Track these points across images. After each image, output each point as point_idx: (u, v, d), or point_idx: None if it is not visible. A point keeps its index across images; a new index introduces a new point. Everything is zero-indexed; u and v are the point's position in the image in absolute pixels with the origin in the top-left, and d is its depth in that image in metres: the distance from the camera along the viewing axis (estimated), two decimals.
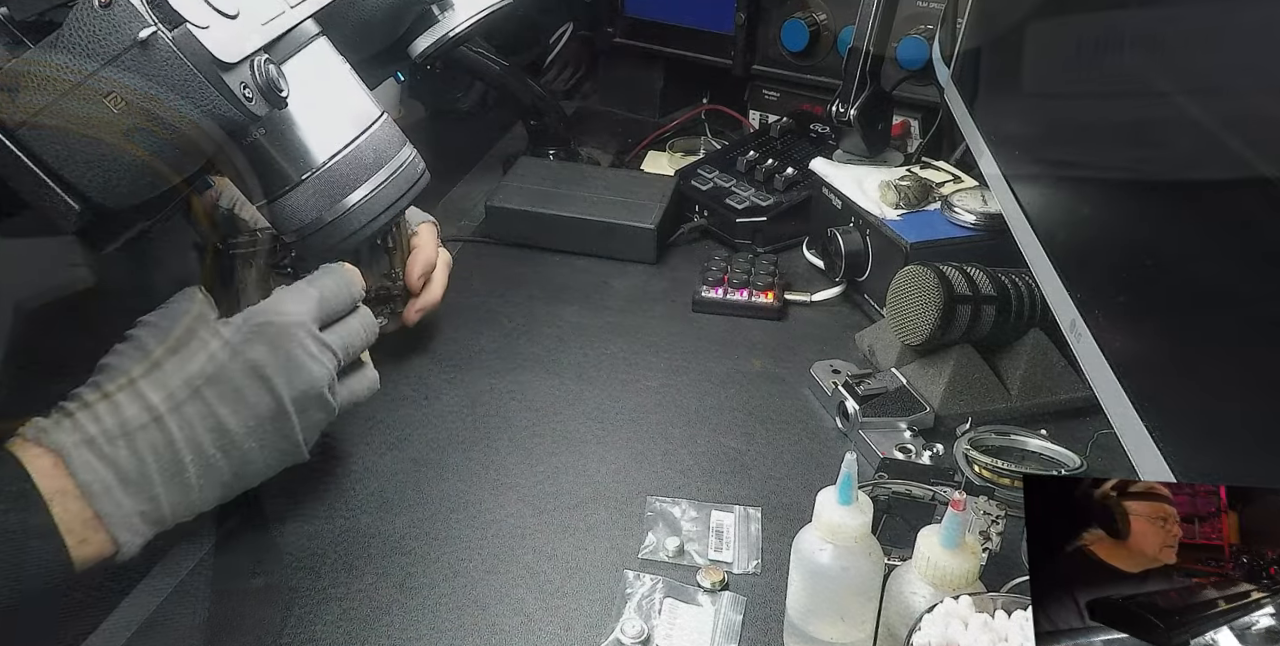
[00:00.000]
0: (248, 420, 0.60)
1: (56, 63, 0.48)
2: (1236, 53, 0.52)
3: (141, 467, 0.57)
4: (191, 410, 0.59)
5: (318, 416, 0.64)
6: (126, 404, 0.58)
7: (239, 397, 0.60)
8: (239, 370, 0.60)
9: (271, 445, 0.62)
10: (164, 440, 0.58)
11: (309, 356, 0.62)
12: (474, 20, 0.75)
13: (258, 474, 0.63)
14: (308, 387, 0.62)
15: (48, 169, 0.50)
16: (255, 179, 0.61)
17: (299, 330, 0.62)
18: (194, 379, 0.59)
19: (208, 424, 0.59)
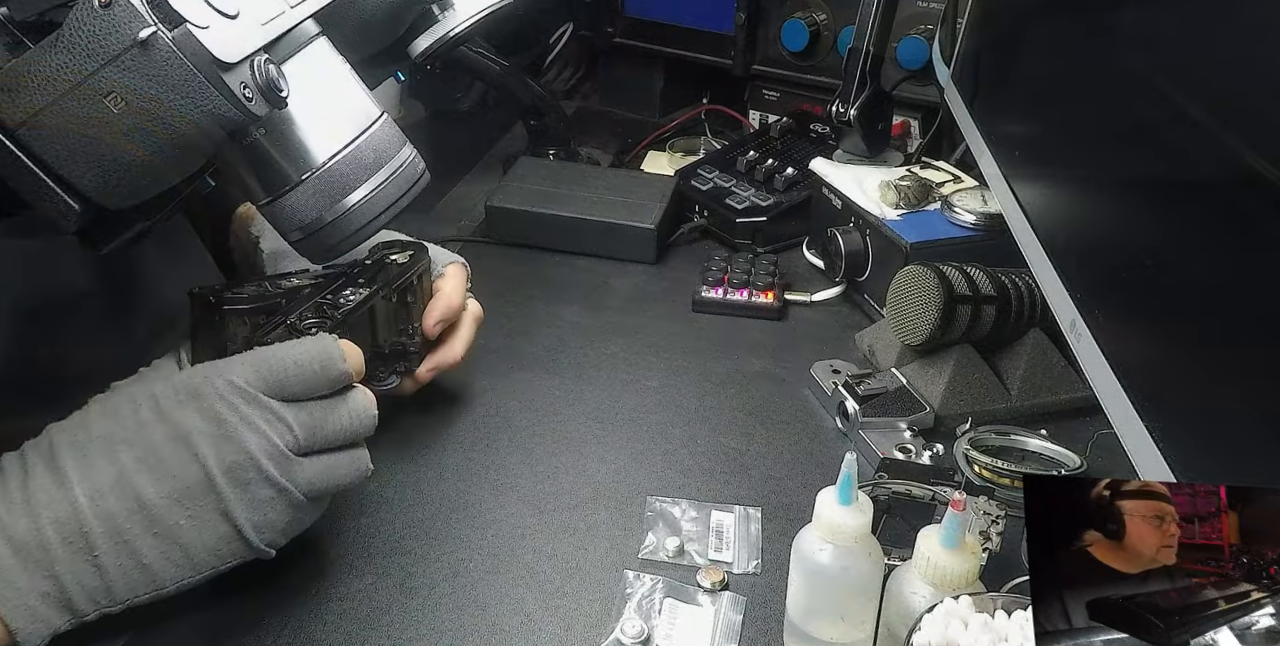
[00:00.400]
0: (169, 490, 0.52)
1: (56, 63, 0.48)
2: (1236, 52, 0.52)
3: (40, 539, 0.50)
4: (103, 476, 0.52)
5: (263, 494, 0.54)
6: (37, 469, 0.52)
7: (159, 464, 0.52)
8: (163, 434, 0.53)
9: (206, 525, 0.53)
10: (68, 508, 0.51)
11: (244, 423, 0.53)
12: (474, 20, 0.74)
13: (196, 561, 0.54)
14: (240, 458, 0.53)
15: (48, 169, 0.50)
16: (255, 179, 0.61)
17: (234, 394, 0.54)
18: (111, 441, 0.53)
19: (122, 491, 0.52)
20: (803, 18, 1.27)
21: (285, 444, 0.54)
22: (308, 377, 0.56)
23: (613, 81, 1.53)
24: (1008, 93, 0.90)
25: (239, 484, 0.53)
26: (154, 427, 0.53)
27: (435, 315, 0.75)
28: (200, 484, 0.53)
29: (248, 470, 0.53)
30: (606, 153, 1.36)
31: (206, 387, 0.54)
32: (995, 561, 0.62)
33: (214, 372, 0.55)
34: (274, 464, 0.54)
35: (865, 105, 1.04)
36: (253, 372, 0.55)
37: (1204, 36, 0.55)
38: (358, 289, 0.69)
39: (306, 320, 0.64)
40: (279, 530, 0.56)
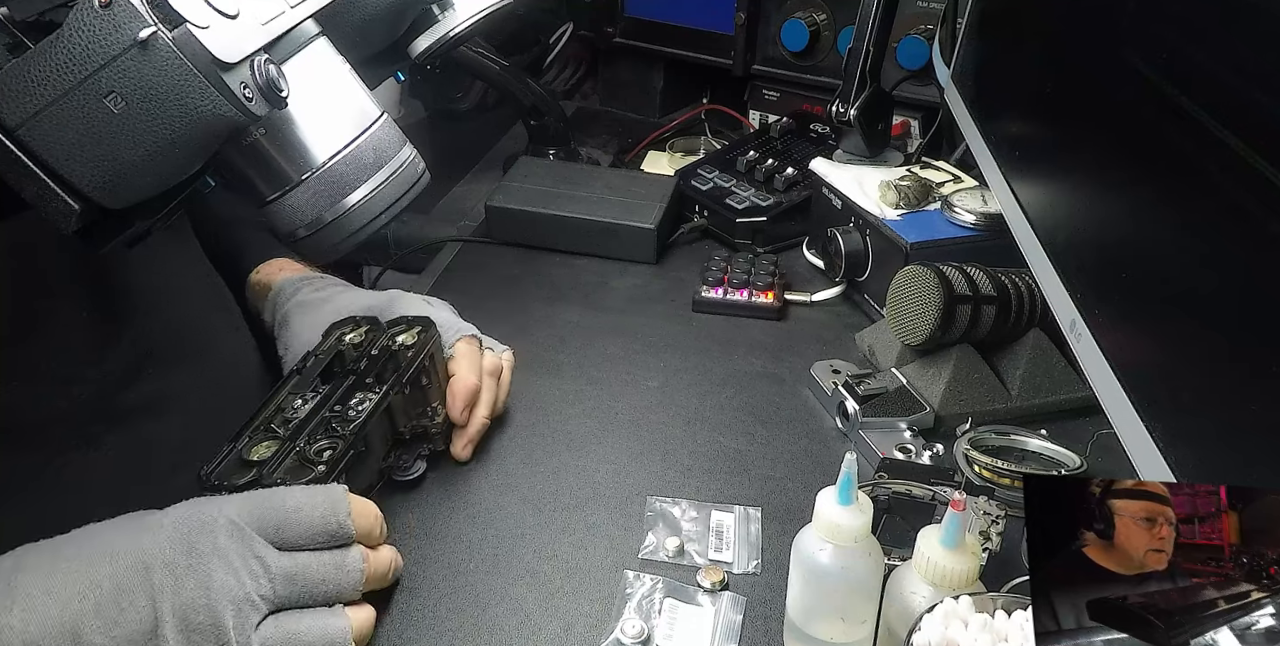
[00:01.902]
0: (112, 630, 0.47)
1: (56, 63, 0.48)
2: (1237, 51, 0.52)
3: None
4: (46, 602, 0.48)
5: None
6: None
7: (112, 595, 0.48)
8: (128, 562, 0.49)
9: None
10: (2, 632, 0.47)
11: (217, 556, 0.49)
12: (474, 20, 0.74)
13: None
14: (198, 595, 0.48)
15: (48, 169, 0.50)
16: (255, 179, 0.61)
17: (221, 526, 0.50)
18: (75, 558, 0.49)
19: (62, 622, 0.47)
20: (803, 18, 1.27)
21: (255, 589, 0.50)
22: (306, 526, 0.52)
23: (613, 81, 1.53)
24: (1008, 92, 0.90)
25: (184, 629, 0.48)
26: (123, 552, 0.49)
27: (459, 403, 0.72)
28: (145, 627, 0.48)
29: (199, 613, 0.48)
30: (606, 153, 1.36)
31: (193, 516, 0.51)
32: (995, 561, 0.62)
33: (209, 503, 0.52)
34: (232, 610, 0.49)
35: (865, 105, 1.04)
36: (248, 510, 0.52)
37: (1205, 36, 0.55)
38: (366, 393, 0.67)
39: (316, 443, 0.62)
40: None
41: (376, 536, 0.58)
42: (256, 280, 0.84)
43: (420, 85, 1.46)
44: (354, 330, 0.74)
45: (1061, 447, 0.77)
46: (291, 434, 0.62)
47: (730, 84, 1.40)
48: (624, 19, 1.42)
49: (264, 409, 0.65)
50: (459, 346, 0.75)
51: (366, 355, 0.70)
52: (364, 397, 0.67)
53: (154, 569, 0.49)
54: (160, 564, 0.49)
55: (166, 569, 0.49)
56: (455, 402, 0.72)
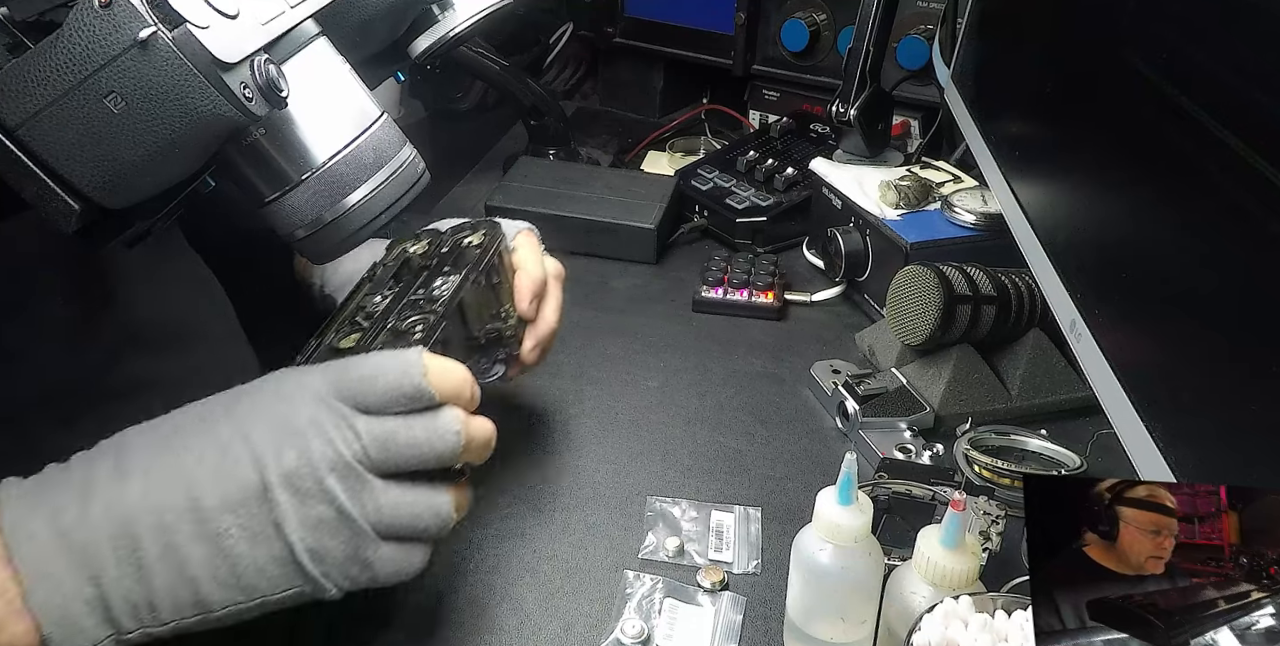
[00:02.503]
0: (224, 492, 0.48)
1: (56, 63, 0.48)
2: (1237, 51, 0.52)
3: (89, 529, 0.45)
4: (163, 470, 0.48)
5: (320, 511, 0.48)
6: (103, 458, 0.49)
7: (219, 462, 0.48)
8: (228, 432, 0.49)
9: (256, 537, 0.48)
10: (119, 496, 0.47)
11: (311, 425, 0.49)
12: (474, 20, 0.74)
13: (245, 583, 0.48)
14: (300, 464, 0.48)
15: (48, 169, 0.50)
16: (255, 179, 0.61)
17: (305, 395, 0.50)
18: (181, 437, 0.49)
19: (175, 486, 0.48)
20: (803, 18, 1.27)
21: (352, 454, 0.49)
22: (382, 389, 0.51)
23: (613, 81, 1.53)
24: (1008, 92, 0.90)
25: (295, 493, 0.48)
26: (222, 425, 0.50)
27: (527, 294, 0.70)
28: (255, 489, 0.48)
29: (305, 479, 0.48)
30: (606, 153, 1.36)
31: (280, 388, 0.51)
32: (995, 561, 0.62)
33: (290, 374, 0.52)
34: (335, 476, 0.49)
35: (865, 105, 1.04)
36: (330, 379, 0.51)
37: (1205, 36, 0.55)
38: (445, 278, 0.64)
39: (407, 319, 0.60)
40: (338, 562, 0.49)
41: (468, 398, 0.54)
42: None
43: (420, 85, 1.46)
44: (416, 242, 0.71)
45: (1061, 447, 0.77)
46: (378, 319, 0.60)
47: (730, 84, 1.40)
48: (624, 19, 1.42)
49: (343, 310, 0.63)
50: (520, 240, 0.73)
51: (436, 254, 0.68)
52: (444, 281, 0.64)
53: (253, 438, 0.49)
54: (258, 433, 0.49)
55: (265, 438, 0.49)
56: (524, 295, 0.70)
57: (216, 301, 0.82)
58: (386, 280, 0.66)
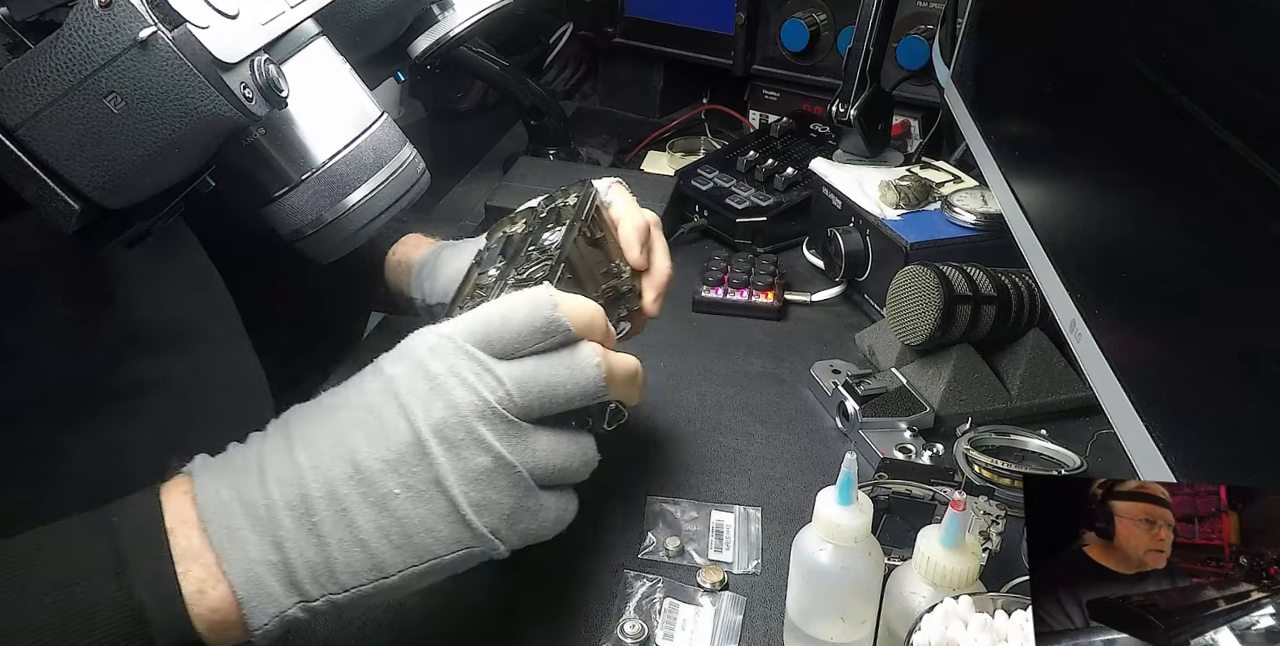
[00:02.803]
0: (382, 453, 0.48)
1: (56, 63, 0.48)
2: (1237, 51, 0.52)
3: (267, 498, 0.48)
4: (323, 438, 0.49)
5: (478, 461, 0.48)
6: (274, 434, 0.51)
7: (373, 423, 0.49)
8: (376, 393, 0.50)
9: (420, 496, 0.48)
10: (291, 469, 0.48)
11: (451, 375, 0.49)
12: (474, 20, 0.74)
13: (416, 543, 0.49)
14: (449, 415, 0.48)
15: (48, 169, 0.50)
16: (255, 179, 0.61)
17: (442, 346, 0.50)
18: (334, 405, 0.51)
19: (338, 452, 0.49)
20: (803, 18, 1.27)
21: (496, 399, 0.49)
22: (516, 327, 0.51)
23: (613, 81, 1.53)
24: (1008, 92, 0.90)
25: (449, 445, 0.48)
26: (370, 387, 0.51)
27: (635, 243, 0.69)
28: (411, 446, 0.48)
29: (456, 429, 0.48)
30: (606, 153, 1.36)
31: (418, 343, 0.51)
32: (995, 561, 0.62)
33: (429, 330, 0.52)
34: (485, 423, 0.49)
35: (865, 105, 1.04)
36: (461, 326, 0.51)
37: (1205, 36, 0.55)
38: (550, 232, 0.64)
39: (526, 270, 0.59)
40: (503, 515, 0.49)
41: (602, 332, 0.54)
42: (396, 261, 0.84)
43: (420, 85, 1.46)
44: (512, 224, 0.71)
45: (1061, 447, 0.77)
46: (497, 280, 0.60)
47: (730, 84, 1.40)
48: (624, 19, 1.42)
49: (461, 290, 0.64)
50: (614, 193, 0.73)
51: (536, 222, 0.67)
52: (550, 234, 0.63)
53: (401, 394, 0.49)
54: (405, 389, 0.49)
55: (412, 394, 0.49)
56: (632, 244, 0.69)
57: (218, 300, 0.82)
58: (495, 259, 0.66)
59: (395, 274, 0.84)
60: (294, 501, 0.48)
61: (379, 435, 0.49)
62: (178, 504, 0.48)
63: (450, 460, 0.48)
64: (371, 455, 0.48)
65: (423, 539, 0.49)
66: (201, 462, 0.51)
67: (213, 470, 0.50)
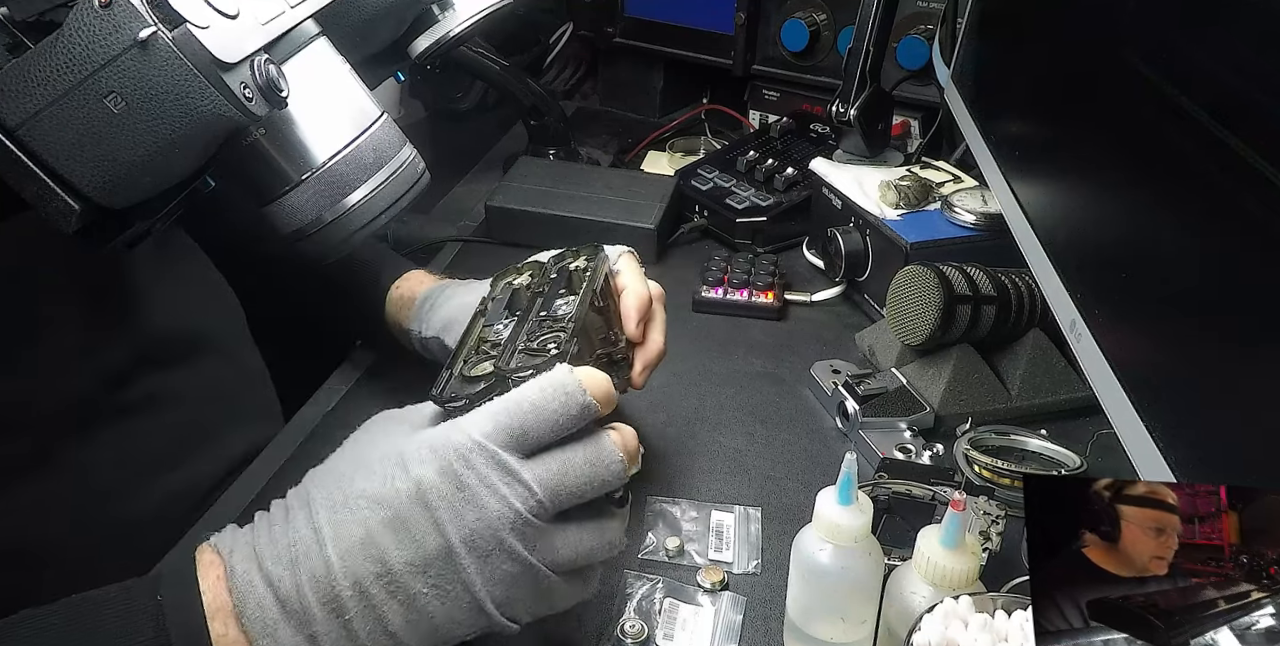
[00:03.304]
0: (411, 557, 0.50)
1: (56, 63, 0.48)
2: (1236, 52, 0.52)
3: (300, 595, 0.49)
4: (352, 536, 0.50)
5: (505, 568, 0.50)
6: (297, 521, 0.52)
7: (402, 527, 0.50)
8: (406, 495, 0.50)
9: (447, 596, 0.50)
10: (323, 566, 0.50)
11: (484, 486, 0.50)
12: (474, 20, 0.74)
13: (439, 633, 0.51)
14: (480, 527, 0.49)
15: (48, 169, 0.50)
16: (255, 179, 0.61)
17: (474, 452, 0.50)
18: (361, 499, 0.51)
19: (368, 553, 0.50)
20: (803, 18, 1.27)
21: (528, 509, 0.50)
22: (548, 419, 0.51)
23: (613, 81, 1.53)
24: (1008, 92, 0.90)
25: (479, 555, 0.50)
26: (399, 487, 0.51)
27: (634, 315, 0.69)
28: (440, 552, 0.50)
29: (488, 541, 0.50)
30: (606, 153, 1.36)
31: (448, 445, 0.51)
32: (995, 561, 0.62)
33: (455, 429, 0.52)
34: (515, 535, 0.50)
35: (865, 105, 1.04)
36: (492, 425, 0.51)
37: (1205, 36, 0.55)
38: (563, 298, 0.63)
39: (538, 339, 0.58)
40: (524, 606, 0.52)
41: (612, 402, 0.54)
42: (398, 295, 0.84)
43: (420, 85, 1.46)
44: (518, 275, 0.70)
45: (1061, 447, 0.77)
46: (507, 343, 0.58)
47: (730, 84, 1.40)
48: (624, 19, 1.42)
49: (464, 342, 0.62)
50: (623, 262, 0.73)
51: (546, 281, 0.65)
52: (564, 301, 0.63)
53: (432, 503, 0.50)
54: (436, 497, 0.50)
55: (444, 502, 0.50)
56: (631, 317, 0.69)
57: (227, 307, 0.82)
58: (500, 312, 0.64)
59: (395, 307, 0.84)
60: (326, 599, 0.49)
61: (409, 541, 0.50)
62: (214, 589, 0.50)
63: (479, 568, 0.50)
64: (400, 558, 0.50)
65: (446, 628, 0.51)
66: (232, 542, 0.52)
67: (244, 556, 0.51)
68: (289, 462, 0.76)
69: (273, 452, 0.78)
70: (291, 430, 0.80)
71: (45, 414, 0.63)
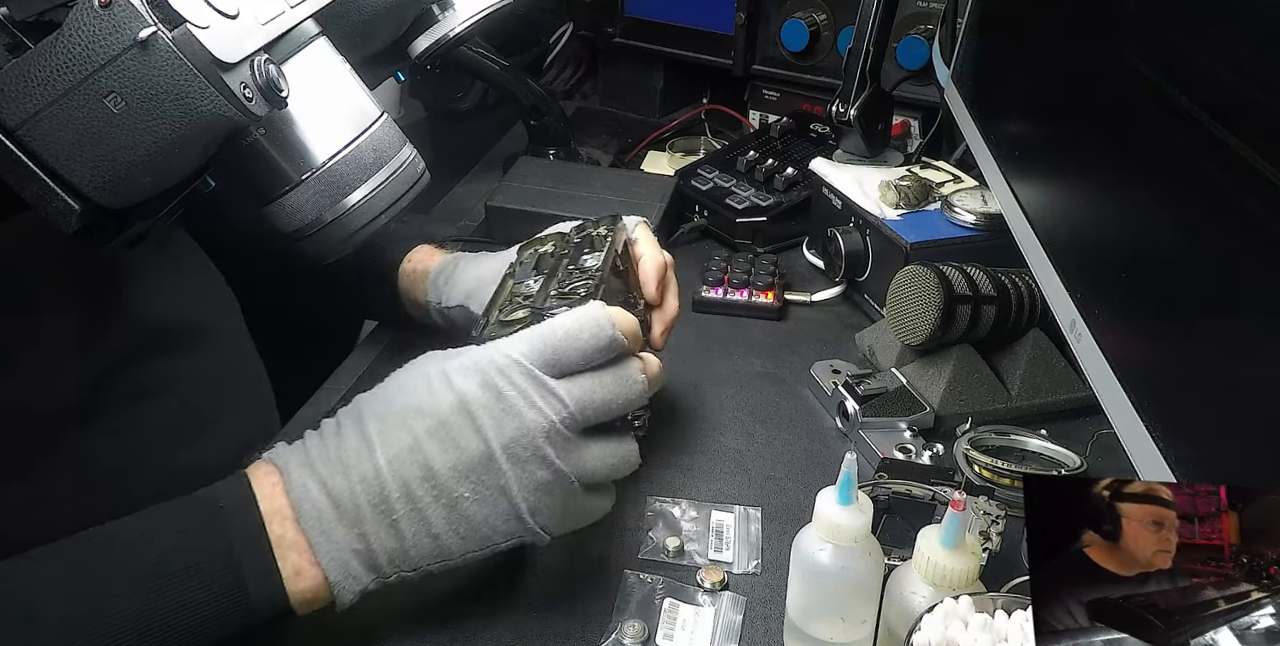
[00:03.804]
0: (454, 462, 0.54)
1: (56, 63, 0.48)
2: (1236, 52, 0.52)
3: (353, 497, 0.54)
4: (400, 443, 0.55)
5: (540, 475, 0.55)
6: (348, 431, 0.56)
7: (446, 434, 0.55)
8: (449, 405, 0.55)
9: (486, 500, 0.55)
10: (372, 470, 0.54)
11: (522, 398, 0.55)
12: (474, 20, 0.74)
13: (480, 535, 0.56)
14: (519, 434, 0.54)
15: (48, 169, 0.50)
16: (255, 179, 0.61)
17: (513, 369, 0.55)
18: (407, 411, 0.56)
19: (414, 458, 0.54)
20: (803, 18, 1.27)
21: (561, 420, 0.55)
22: (580, 347, 0.56)
23: (613, 81, 1.53)
24: (1008, 92, 0.90)
25: (517, 461, 0.55)
26: (443, 398, 0.55)
27: (653, 279, 0.74)
28: (482, 457, 0.54)
29: (524, 448, 0.54)
30: (606, 153, 1.36)
31: (489, 362, 0.56)
32: (995, 561, 0.62)
33: (495, 349, 0.57)
34: (550, 443, 0.55)
35: (865, 105, 1.04)
36: (528, 347, 0.56)
37: (1205, 36, 0.55)
38: (589, 255, 0.67)
39: (569, 284, 0.63)
40: (555, 515, 0.56)
41: (639, 339, 0.60)
42: (411, 268, 0.86)
43: (420, 85, 1.46)
44: (542, 244, 0.74)
45: (1061, 447, 0.77)
46: (540, 293, 0.63)
47: (730, 84, 1.40)
48: (624, 19, 1.42)
49: (498, 297, 0.66)
50: (639, 231, 0.77)
51: (569, 245, 0.70)
52: (590, 257, 0.67)
53: (475, 412, 0.55)
54: (479, 407, 0.55)
55: (485, 412, 0.55)
56: (650, 280, 0.74)
57: (223, 299, 0.82)
58: (529, 272, 0.69)
59: (409, 281, 0.86)
60: (375, 500, 0.54)
61: (452, 447, 0.55)
62: (270, 494, 0.54)
63: (517, 473, 0.55)
64: (445, 463, 0.54)
65: (485, 533, 0.56)
66: (286, 454, 0.57)
67: (298, 463, 0.56)
68: None
69: None
70: (291, 431, 0.80)
71: (45, 411, 0.63)
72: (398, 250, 0.88)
